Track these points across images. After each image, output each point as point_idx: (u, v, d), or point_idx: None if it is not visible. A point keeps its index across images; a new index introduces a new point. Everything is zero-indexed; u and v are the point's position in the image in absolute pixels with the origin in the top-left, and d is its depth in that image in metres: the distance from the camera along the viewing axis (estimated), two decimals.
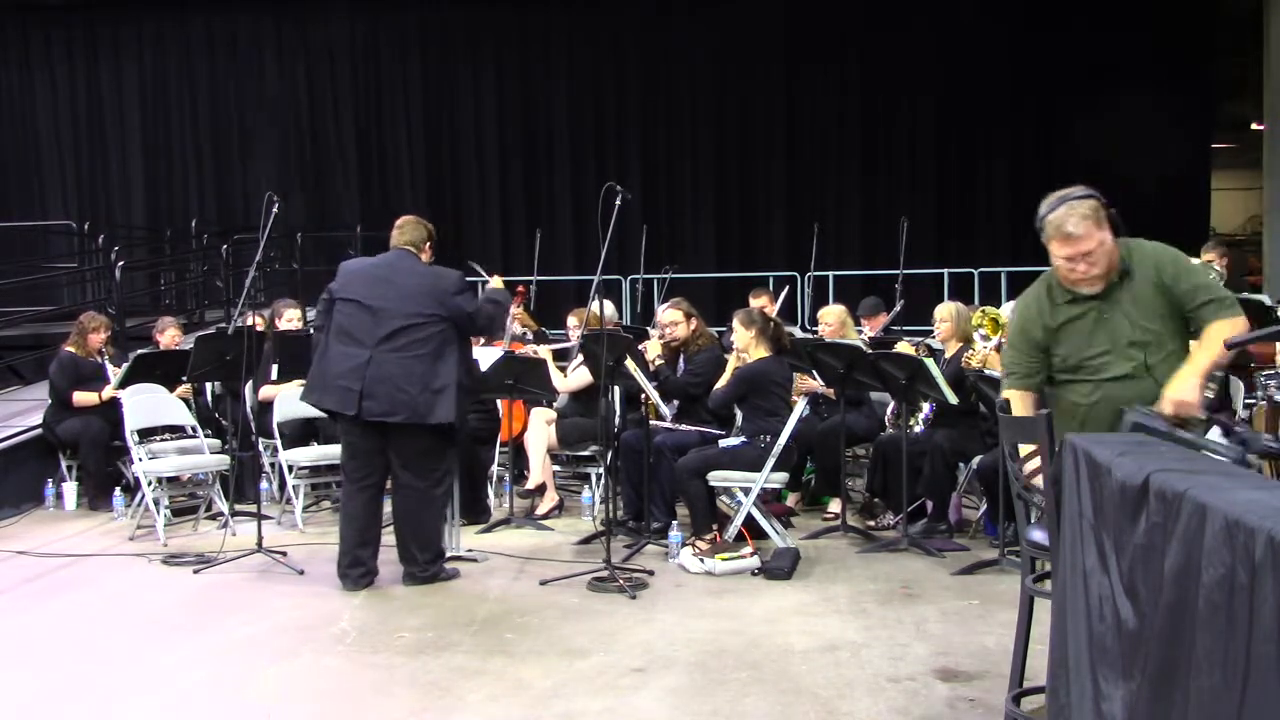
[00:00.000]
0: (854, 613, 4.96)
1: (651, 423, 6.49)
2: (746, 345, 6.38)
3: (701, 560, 5.68)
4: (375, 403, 5.32)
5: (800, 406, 6.32)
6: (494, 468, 7.39)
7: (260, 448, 7.30)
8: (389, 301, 5.38)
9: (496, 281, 6.33)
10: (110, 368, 7.82)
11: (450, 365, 5.39)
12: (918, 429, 6.54)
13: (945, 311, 6.71)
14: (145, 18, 16.24)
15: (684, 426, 6.63)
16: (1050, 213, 3.50)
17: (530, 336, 8.28)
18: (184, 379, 7.42)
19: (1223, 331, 3.37)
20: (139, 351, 8.07)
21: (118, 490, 7.55)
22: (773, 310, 8.03)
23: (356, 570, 5.50)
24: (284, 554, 5.99)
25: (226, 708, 4.04)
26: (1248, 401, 6.17)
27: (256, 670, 4.39)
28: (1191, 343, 3.54)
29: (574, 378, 7.23)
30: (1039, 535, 3.30)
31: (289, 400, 7.22)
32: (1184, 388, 3.33)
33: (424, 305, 5.38)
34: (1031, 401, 3.73)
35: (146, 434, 7.10)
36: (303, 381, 7.26)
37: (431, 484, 5.53)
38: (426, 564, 5.54)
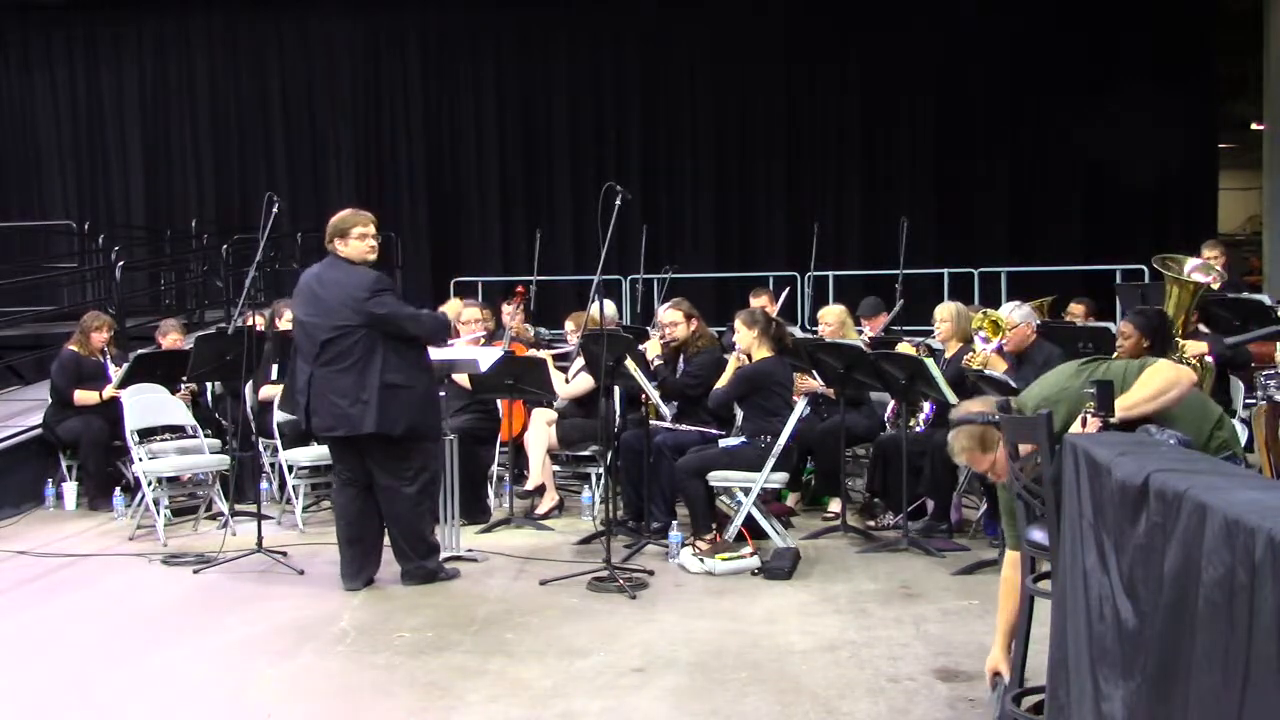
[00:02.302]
0: (854, 613, 4.96)
1: (651, 423, 6.49)
2: (749, 345, 6.38)
3: (701, 560, 5.68)
4: (319, 418, 5.42)
5: (800, 406, 6.32)
6: (494, 468, 7.39)
7: (260, 448, 7.30)
8: (318, 316, 5.39)
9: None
10: (112, 367, 7.83)
11: (374, 373, 5.30)
12: (918, 429, 6.54)
13: (945, 311, 6.71)
14: (145, 18, 16.23)
15: (684, 426, 6.63)
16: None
17: (531, 336, 8.28)
18: (185, 381, 7.42)
19: (1151, 372, 3.40)
20: (139, 351, 8.08)
21: (118, 490, 7.55)
22: (773, 310, 8.03)
23: (352, 569, 5.52)
24: (284, 554, 5.99)
25: (226, 708, 4.05)
26: (1248, 401, 6.17)
27: (256, 670, 4.39)
28: None
29: (576, 384, 7.21)
30: (1039, 535, 3.29)
31: None
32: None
33: (341, 316, 5.34)
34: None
35: (146, 434, 7.10)
36: None
37: (405, 482, 5.50)
38: (420, 559, 5.55)
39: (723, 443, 6.32)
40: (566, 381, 7.26)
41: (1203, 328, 6.41)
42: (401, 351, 5.40)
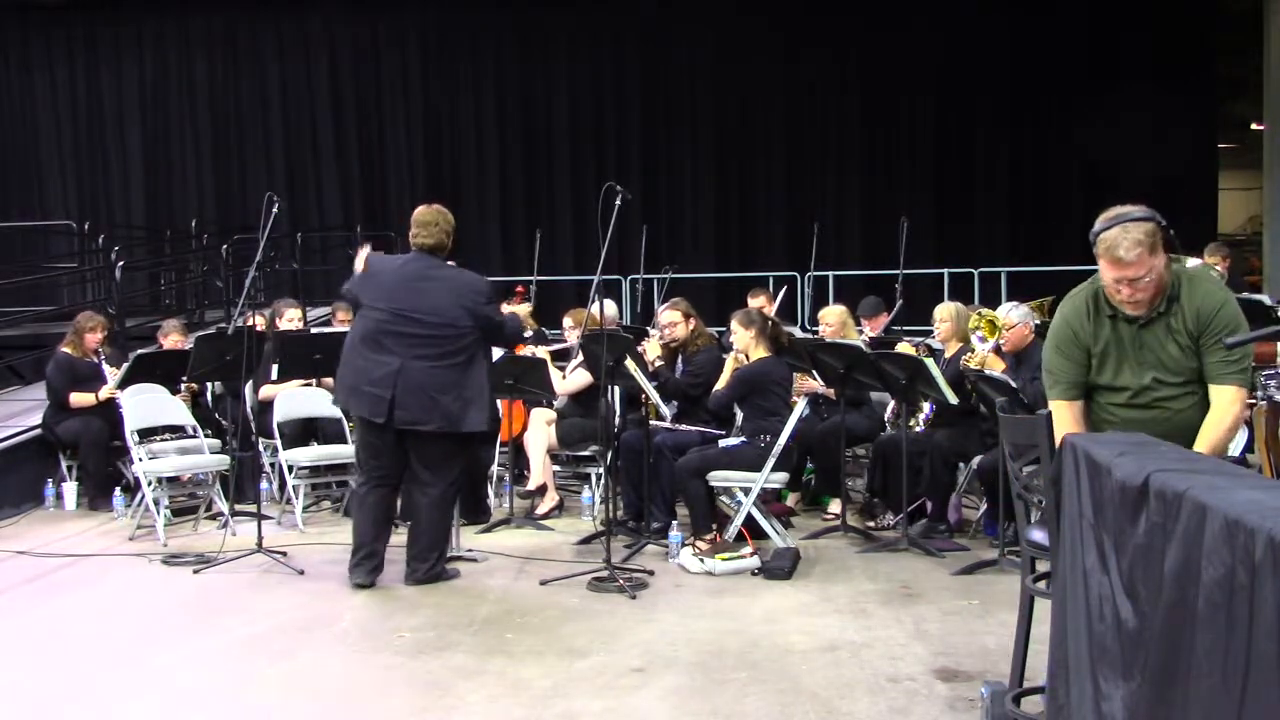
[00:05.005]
0: (854, 613, 4.96)
1: (651, 423, 6.50)
2: (746, 345, 6.38)
3: (701, 560, 5.68)
4: (407, 411, 5.36)
5: (800, 406, 6.32)
6: (494, 468, 7.39)
7: (260, 448, 7.30)
8: (420, 311, 5.39)
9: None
10: (107, 368, 7.80)
11: (481, 373, 5.46)
12: (918, 429, 6.54)
13: (945, 311, 6.71)
14: (145, 18, 16.25)
15: (684, 426, 6.63)
16: (1105, 230, 3.35)
17: (530, 334, 8.27)
18: (185, 381, 7.42)
19: (1226, 409, 3.34)
20: (139, 351, 8.07)
21: (118, 490, 7.55)
22: (771, 310, 8.03)
23: (369, 564, 5.52)
24: (284, 554, 5.99)
25: (226, 708, 4.04)
26: (1248, 401, 6.17)
27: (256, 670, 4.39)
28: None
29: (573, 379, 7.23)
30: (1039, 535, 3.30)
31: (289, 400, 7.23)
32: None
33: (456, 315, 5.40)
34: (1078, 414, 3.51)
35: (146, 434, 7.10)
36: (303, 382, 7.31)
37: (448, 484, 5.59)
38: (435, 561, 5.57)
39: (723, 443, 6.32)
40: (564, 378, 7.25)
41: None
42: (489, 355, 5.62)
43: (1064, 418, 3.48)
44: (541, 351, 7.35)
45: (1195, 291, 3.42)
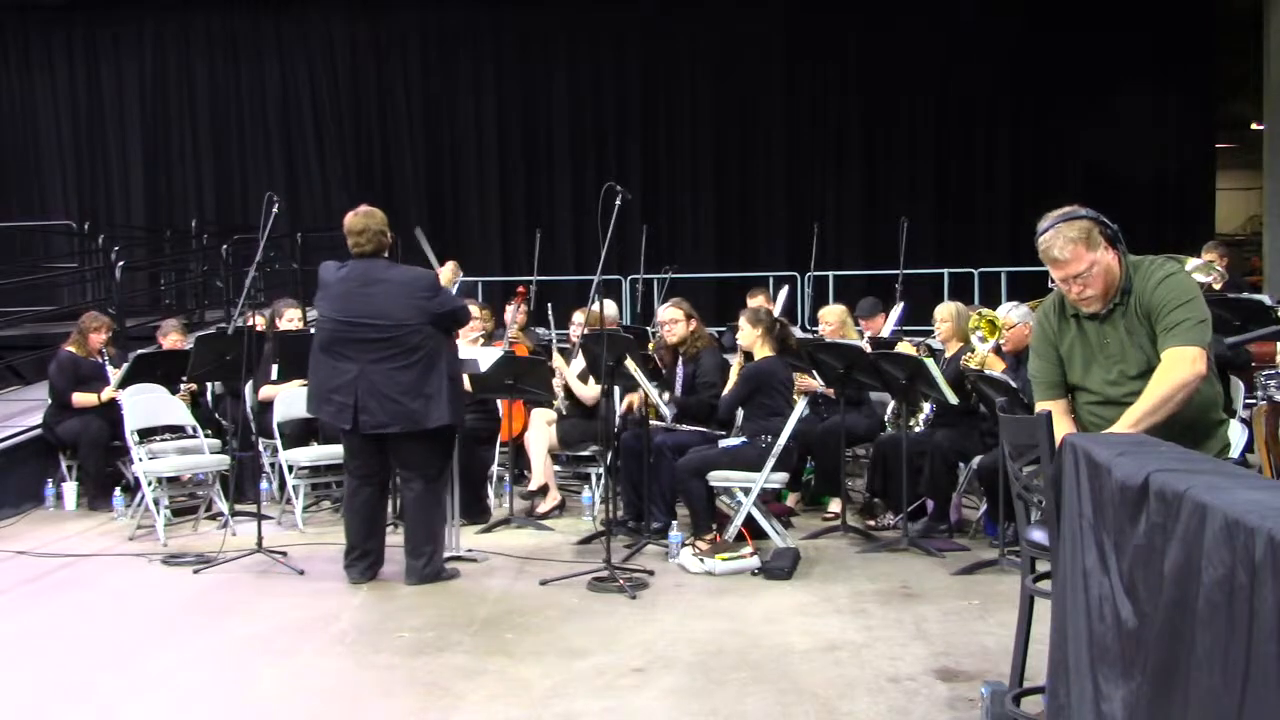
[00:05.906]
0: (854, 613, 4.96)
1: (651, 423, 6.49)
2: (751, 342, 6.39)
3: (701, 560, 5.68)
4: (370, 416, 5.40)
5: (800, 406, 6.32)
6: (494, 468, 7.39)
7: (260, 448, 7.30)
8: (369, 315, 5.39)
9: (447, 271, 6.30)
10: (110, 368, 7.81)
11: (440, 368, 5.43)
12: (918, 429, 6.54)
13: (945, 311, 6.71)
14: (145, 18, 16.27)
15: (684, 427, 6.63)
16: (1042, 234, 3.44)
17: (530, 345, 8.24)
18: (185, 381, 7.42)
19: (1166, 368, 3.30)
20: (139, 351, 8.08)
21: (118, 490, 7.55)
22: (774, 311, 8.02)
23: (364, 562, 5.56)
24: (284, 554, 5.99)
25: (226, 708, 4.04)
26: (1248, 401, 6.17)
27: (256, 670, 4.39)
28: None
29: (593, 388, 7.11)
30: (1039, 535, 3.29)
31: (289, 400, 7.22)
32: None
33: (405, 314, 5.39)
34: (1062, 411, 3.53)
35: (146, 434, 7.10)
36: (303, 382, 7.30)
37: (433, 479, 5.59)
38: (429, 558, 5.58)
39: (723, 443, 6.32)
40: (584, 381, 7.17)
41: None
42: (450, 346, 5.59)
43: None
44: (558, 361, 7.28)
45: (1142, 275, 3.45)
